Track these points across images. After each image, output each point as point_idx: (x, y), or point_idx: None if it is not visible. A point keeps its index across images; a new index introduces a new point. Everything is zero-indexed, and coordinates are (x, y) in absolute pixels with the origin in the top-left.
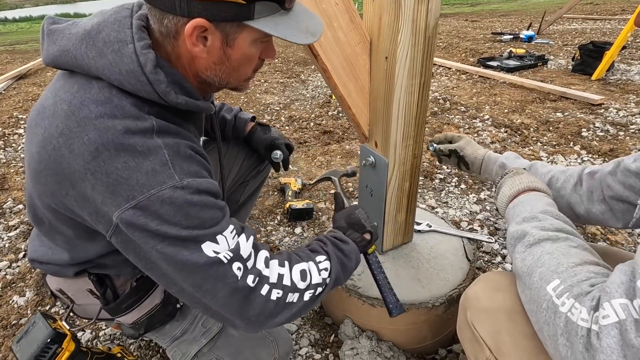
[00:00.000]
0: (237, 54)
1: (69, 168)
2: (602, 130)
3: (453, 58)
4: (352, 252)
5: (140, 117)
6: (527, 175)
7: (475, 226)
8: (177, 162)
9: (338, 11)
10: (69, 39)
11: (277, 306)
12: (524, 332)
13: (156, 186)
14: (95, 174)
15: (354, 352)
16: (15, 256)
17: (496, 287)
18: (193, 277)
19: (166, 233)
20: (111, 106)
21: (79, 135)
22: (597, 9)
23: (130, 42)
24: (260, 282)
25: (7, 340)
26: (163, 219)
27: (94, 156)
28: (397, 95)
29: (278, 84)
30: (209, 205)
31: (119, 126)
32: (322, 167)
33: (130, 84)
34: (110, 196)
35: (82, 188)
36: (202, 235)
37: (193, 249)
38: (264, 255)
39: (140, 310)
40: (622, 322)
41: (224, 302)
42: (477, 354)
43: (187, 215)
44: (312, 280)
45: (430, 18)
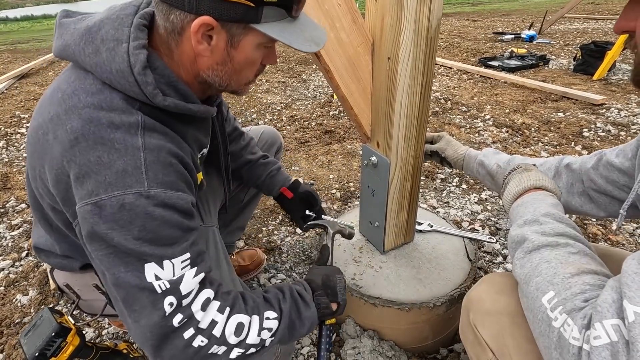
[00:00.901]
0: (240, 57)
1: (51, 153)
2: (604, 130)
3: (454, 58)
4: (309, 319)
5: (127, 111)
6: (536, 172)
7: (476, 226)
8: (152, 167)
9: (341, 12)
10: (72, 34)
11: (196, 355)
12: (527, 336)
13: (121, 188)
14: (70, 163)
15: (356, 351)
16: (18, 255)
17: (499, 290)
18: (125, 293)
19: (112, 240)
20: (100, 98)
21: (64, 123)
22: (599, 8)
23: (125, 42)
24: (186, 324)
25: (11, 339)
26: (116, 224)
27: (72, 145)
28: (399, 96)
29: (279, 84)
30: (169, 223)
31: (103, 119)
32: (324, 167)
33: (120, 84)
34: (78, 187)
35: (57, 174)
36: (149, 253)
37: (132, 267)
38: (206, 296)
39: None
40: (613, 344)
41: (143, 332)
42: (479, 356)
43: (142, 228)
44: (247, 339)
45: (433, 19)
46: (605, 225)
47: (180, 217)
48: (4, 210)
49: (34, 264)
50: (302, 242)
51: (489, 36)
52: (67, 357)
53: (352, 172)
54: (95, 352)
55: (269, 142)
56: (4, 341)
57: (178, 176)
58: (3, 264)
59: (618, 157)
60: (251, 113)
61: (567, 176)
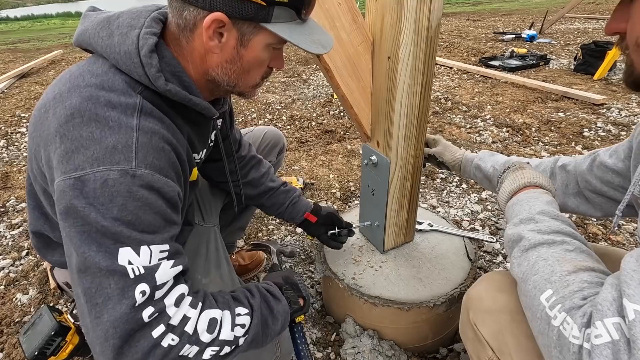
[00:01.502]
0: (249, 56)
1: (47, 130)
2: (604, 130)
3: (455, 57)
4: (282, 314)
5: (127, 93)
6: (530, 170)
7: (476, 226)
8: (143, 148)
9: (341, 11)
10: (91, 21)
11: (166, 356)
12: (527, 334)
13: (108, 164)
14: (62, 138)
15: (356, 351)
16: (18, 254)
17: (499, 288)
18: (89, 281)
19: (89, 217)
20: (104, 79)
21: (66, 99)
22: (600, 8)
23: (139, 28)
24: (157, 319)
25: (11, 338)
26: (96, 201)
27: (67, 120)
28: (399, 95)
29: (279, 83)
30: (152, 207)
31: (102, 98)
32: (324, 167)
33: (125, 65)
34: (65, 162)
35: (49, 151)
36: (126, 236)
37: (105, 248)
38: (180, 292)
39: None
40: (615, 343)
41: (104, 329)
42: (479, 353)
43: (122, 207)
44: (220, 335)
45: (433, 18)
46: (605, 225)
47: (164, 205)
48: (4, 210)
49: (34, 263)
50: (302, 242)
51: (489, 36)
52: (66, 356)
53: (352, 171)
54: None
55: (272, 142)
56: (4, 340)
57: (169, 163)
58: (3, 263)
59: (611, 158)
60: (251, 113)
61: (561, 177)
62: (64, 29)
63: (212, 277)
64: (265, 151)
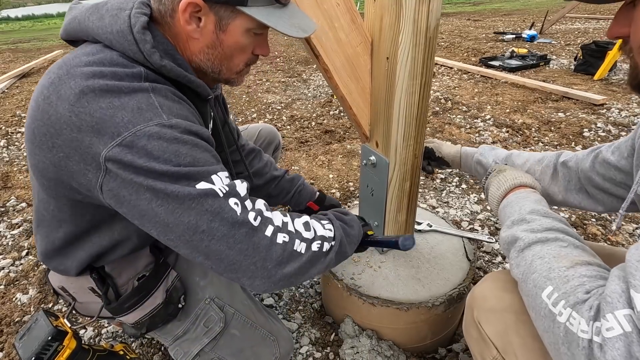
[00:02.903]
0: (229, 41)
1: (55, 114)
2: (604, 130)
3: (455, 57)
4: (354, 221)
5: (129, 66)
6: (511, 170)
7: (475, 226)
8: (165, 103)
9: (339, 12)
10: (79, 10)
11: (284, 252)
12: (532, 334)
13: (142, 122)
14: (80, 115)
15: (354, 351)
16: (18, 254)
17: (504, 287)
18: (187, 216)
19: (155, 169)
20: (101, 56)
21: (67, 81)
22: (600, 8)
23: (129, 10)
24: (263, 222)
25: (11, 337)
26: (152, 155)
27: (78, 97)
28: (398, 96)
29: (280, 83)
30: (201, 147)
31: (106, 71)
32: (324, 167)
33: (119, 43)
34: (96, 136)
35: (68, 133)
36: (194, 172)
37: (185, 184)
38: (263, 202)
39: (142, 310)
40: (627, 335)
41: (225, 242)
42: (483, 353)
43: (177, 153)
44: (317, 232)
45: (432, 19)
46: (605, 225)
47: (208, 145)
48: (5, 210)
49: (34, 263)
50: None
51: (489, 36)
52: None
53: (352, 171)
54: (92, 354)
55: (267, 140)
56: (4, 340)
57: (189, 112)
58: (3, 263)
59: (614, 155)
60: (251, 112)
61: (563, 173)
62: None
63: (211, 278)
64: (262, 148)
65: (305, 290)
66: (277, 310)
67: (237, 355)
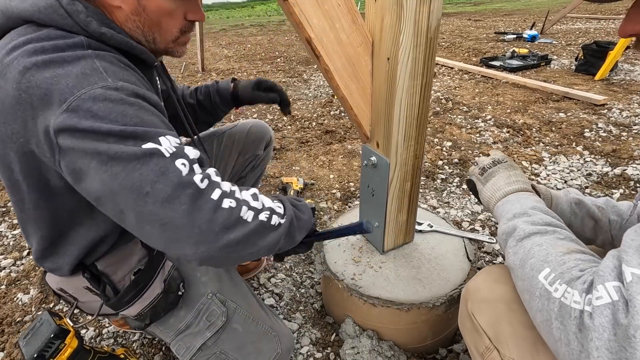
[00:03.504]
0: (152, 6)
1: (6, 97)
2: (605, 130)
3: (456, 57)
4: (306, 208)
5: (68, 37)
6: (520, 171)
7: (476, 226)
8: (110, 68)
9: (340, 12)
10: None
11: (231, 216)
12: (523, 322)
13: (87, 86)
14: (28, 90)
15: (355, 351)
16: (19, 254)
17: (497, 279)
18: (130, 179)
19: (100, 130)
20: (39, 33)
21: (10, 63)
22: (601, 8)
23: None
24: (210, 185)
25: (12, 337)
26: (97, 117)
27: (22, 74)
28: (398, 96)
29: (280, 84)
30: (148, 110)
31: (47, 45)
32: (324, 167)
33: (52, 19)
34: (46, 107)
35: (21, 113)
36: (141, 132)
37: (132, 144)
38: (214, 170)
39: (143, 301)
40: (614, 303)
41: (169, 205)
42: (476, 343)
43: (123, 113)
44: (266, 204)
45: (432, 19)
46: None
47: (156, 110)
48: (6, 210)
49: (35, 263)
50: None
51: (490, 36)
52: (65, 359)
53: (353, 172)
54: (93, 355)
55: (258, 136)
56: (5, 340)
57: (138, 80)
58: (4, 263)
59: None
60: (252, 113)
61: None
62: None
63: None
64: (253, 145)
65: (306, 291)
66: (278, 310)
67: (239, 350)
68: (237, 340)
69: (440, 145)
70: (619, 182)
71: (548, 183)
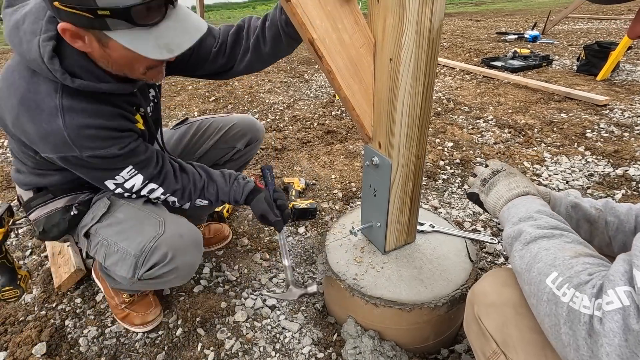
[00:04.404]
0: (115, 55)
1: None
2: (607, 131)
3: (457, 58)
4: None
5: (49, 96)
6: (521, 176)
7: (478, 227)
8: (77, 141)
9: (343, 13)
10: (7, 26)
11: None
12: (530, 326)
13: (62, 153)
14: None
15: (357, 351)
16: (22, 254)
17: (503, 283)
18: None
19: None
20: (29, 85)
21: (8, 99)
22: (603, 8)
23: (39, 34)
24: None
25: (15, 336)
26: (79, 163)
27: (16, 117)
28: (401, 97)
29: (282, 84)
30: (111, 159)
31: (32, 102)
32: (326, 167)
33: (39, 69)
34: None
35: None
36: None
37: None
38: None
39: (42, 210)
40: (625, 308)
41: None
42: (483, 347)
43: (92, 156)
44: (152, 195)
45: (435, 20)
46: None
47: (114, 155)
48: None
49: (38, 263)
50: (304, 242)
51: (492, 36)
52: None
53: (354, 172)
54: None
55: (241, 132)
56: (8, 339)
57: (104, 139)
58: None
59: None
60: (253, 113)
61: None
62: None
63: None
64: (232, 139)
65: None
66: (280, 311)
67: (119, 234)
68: (117, 226)
69: (442, 146)
70: (621, 183)
71: (550, 184)
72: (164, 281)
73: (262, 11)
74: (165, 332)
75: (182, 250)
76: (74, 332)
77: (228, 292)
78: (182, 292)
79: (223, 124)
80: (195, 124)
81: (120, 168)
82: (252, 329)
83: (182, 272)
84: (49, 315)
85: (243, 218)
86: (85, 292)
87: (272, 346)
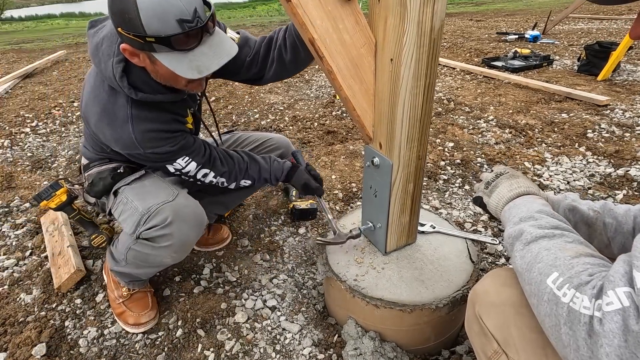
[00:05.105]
0: (162, 70)
1: (90, 117)
2: (608, 131)
3: (457, 58)
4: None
5: (122, 107)
6: (523, 178)
7: (479, 227)
8: (142, 142)
9: (344, 13)
10: (90, 45)
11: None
12: (531, 326)
13: (130, 150)
14: (103, 131)
15: (357, 352)
16: (22, 254)
17: (504, 282)
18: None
19: (145, 153)
20: (109, 97)
21: (92, 106)
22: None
23: (113, 56)
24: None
25: (15, 337)
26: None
27: (99, 119)
28: (401, 97)
29: (282, 84)
30: (167, 152)
31: (110, 110)
32: (326, 168)
33: (114, 84)
34: (115, 145)
35: (95, 128)
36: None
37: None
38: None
39: (97, 168)
40: (625, 309)
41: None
42: (484, 347)
43: (154, 148)
44: (206, 179)
45: (436, 20)
46: None
47: (168, 151)
48: (9, 210)
49: (38, 263)
50: (304, 243)
51: (492, 36)
52: (55, 204)
53: (355, 172)
54: (77, 212)
55: (275, 146)
56: (8, 340)
57: (161, 140)
58: (7, 263)
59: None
60: (254, 113)
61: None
62: (67, 29)
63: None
64: (268, 149)
65: (308, 292)
66: (280, 312)
67: (138, 196)
68: (140, 189)
69: (442, 146)
70: (622, 183)
71: (551, 184)
72: (157, 248)
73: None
74: (165, 333)
75: (181, 219)
76: (73, 333)
77: (228, 293)
78: (182, 293)
79: (261, 137)
80: (238, 134)
81: (175, 159)
82: (252, 330)
83: (175, 243)
84: (48, 316)
85: (243, 219)
86: (85, 293)
87: (272, 347)
